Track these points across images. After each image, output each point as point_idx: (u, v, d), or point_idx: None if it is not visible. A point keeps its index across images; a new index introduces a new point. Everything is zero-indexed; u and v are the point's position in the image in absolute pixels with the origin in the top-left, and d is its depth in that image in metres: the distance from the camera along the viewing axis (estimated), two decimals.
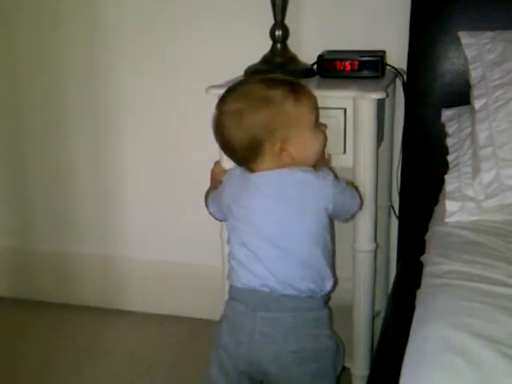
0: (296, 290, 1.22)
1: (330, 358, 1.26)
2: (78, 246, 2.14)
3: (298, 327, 1.22)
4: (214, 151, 1.43)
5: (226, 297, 1.31)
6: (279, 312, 1.21)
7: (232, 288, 1.29)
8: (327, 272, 1.25)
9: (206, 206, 1.44)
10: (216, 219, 1.42)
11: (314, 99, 1.26)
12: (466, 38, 1.45)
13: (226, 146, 1.25)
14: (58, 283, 2.16)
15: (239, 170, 1.29)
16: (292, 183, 1.22)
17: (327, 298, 1.30)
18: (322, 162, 1.31)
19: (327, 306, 1.30)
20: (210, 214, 1.42)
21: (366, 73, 1.52)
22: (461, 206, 1.18)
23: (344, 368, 1.37)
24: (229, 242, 1.30)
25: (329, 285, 1.26)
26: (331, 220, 1.29)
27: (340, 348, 1.29)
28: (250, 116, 1.19)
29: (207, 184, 1.48)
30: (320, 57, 1.56)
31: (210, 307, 1.85)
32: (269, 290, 1.21)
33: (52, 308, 2.14)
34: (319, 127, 1.28)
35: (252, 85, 1.25)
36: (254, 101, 1.20)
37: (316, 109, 1.26)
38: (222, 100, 1.25)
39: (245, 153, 1.23)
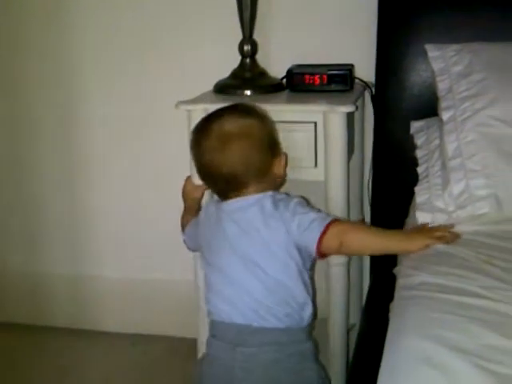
0: (273, 316, 1.17)
1: None
2: (47, 266, 2.10)
3: (280, 361, 1.17)
4: (186, 167, 1.42)
5: (201, 313, 1.29)
6: (259, 347, 1.17)
7: (211, 323, 1.26)
8: (305, 298, 1.21)
9: (182, 230, 1.43)
10: (188, 248, 1.42)
11: None
12: (432, 50, 1.47)
13: (213, 172, 1.23)
14: (27, 304, 2.12)
15: (213, 206, 1.27)
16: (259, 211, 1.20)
17: (310, 328, 1.25)
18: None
19: (312, 338, 1.25)
20: (184, 242, 1.42)
21: (335, 86, 1.53)
22: (431, 217, 1.19)
23: None
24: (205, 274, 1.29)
25: (308, 311, 1.22)
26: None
27: (325, 382, 1.26)
28: (256, 131, 1.24)
29: (180, 201, 1.47)
30: (289, 71, 1.57)
31: (185, 324, 1.83)
32: (246, 322, 1.17)
33: (21, 329, 2.08)
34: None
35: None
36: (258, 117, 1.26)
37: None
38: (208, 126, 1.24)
39: (239, 178, 1.21)
